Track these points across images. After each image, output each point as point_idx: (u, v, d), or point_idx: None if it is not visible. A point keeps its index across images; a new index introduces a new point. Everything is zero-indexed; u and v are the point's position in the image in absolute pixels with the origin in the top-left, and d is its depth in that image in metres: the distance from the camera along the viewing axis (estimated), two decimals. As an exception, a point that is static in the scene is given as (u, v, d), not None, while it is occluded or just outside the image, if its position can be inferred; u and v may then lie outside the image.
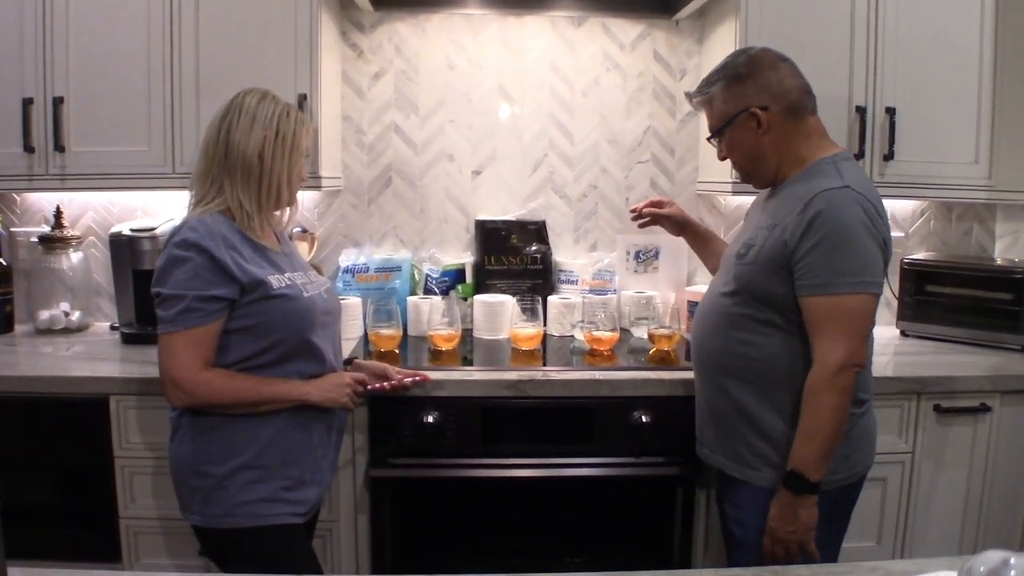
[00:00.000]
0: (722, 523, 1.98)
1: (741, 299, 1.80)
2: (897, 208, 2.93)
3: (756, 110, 1.77)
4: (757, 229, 1.81)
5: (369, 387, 1.93)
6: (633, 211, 2.30)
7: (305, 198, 2.83)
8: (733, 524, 1.87)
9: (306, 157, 1.82)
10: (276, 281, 1.69)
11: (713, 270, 2.29)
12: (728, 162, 1.87)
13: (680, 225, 2.27)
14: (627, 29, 2.87)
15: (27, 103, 2.34)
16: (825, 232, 1.65)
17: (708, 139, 1.92)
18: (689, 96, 1.94)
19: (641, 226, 2.31)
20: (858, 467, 1.81)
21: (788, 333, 1.74)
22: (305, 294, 1.74)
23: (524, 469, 2.14)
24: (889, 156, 2.49)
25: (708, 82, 1.85)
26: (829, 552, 1.81)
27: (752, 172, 1.88)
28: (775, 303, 1.74)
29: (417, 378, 2.06)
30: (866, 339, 1.72)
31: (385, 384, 1.99)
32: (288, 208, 1.85)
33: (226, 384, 1.65)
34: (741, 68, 1.80)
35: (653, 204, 2.26)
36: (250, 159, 1.69)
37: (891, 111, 2.48)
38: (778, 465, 1.75)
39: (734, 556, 1.89)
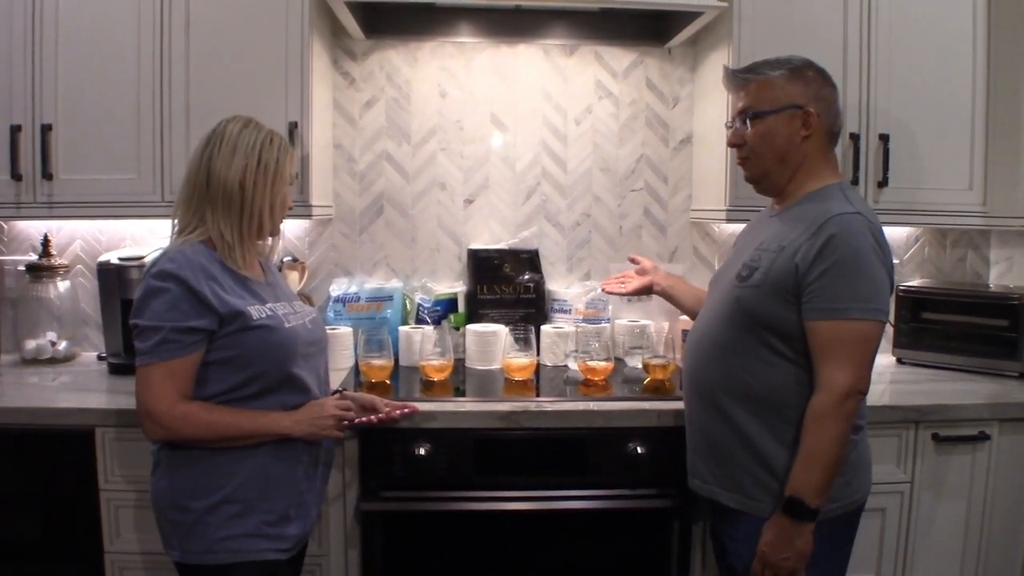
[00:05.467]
0: (719, 557, 1.94)
1: (742, 323, 1.76)
2: (891, 235, 2.88)
3: (811, 110, 1.76)
4: (760, 251, 1.77)
5: (357, 420, 1.90)
6: (621, 280, 2.41)
7: (296, 227, 2.82)
8: (734, 559, 1.82)
9: (290, 184, 1.80)
10: (256, 312, 1.67)
11: (690, 312, 2.31)
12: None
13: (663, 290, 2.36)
14: (620, 57, 2.87)
15: (15, 130, 2.33)
16: (838, 256, 1.64)
17: (743, 115, 1.82)
18: (733, 72, 1.86)
19: (613, 292, 2.42)
20: (858, 493, 1.79)
21: (789, 361, 1.71)
22: (287, 325, 1.72)
23: (518, 502, 2.10)
24: (883, 183, 2.50)
25: (767, 65, 1.81)
26: None
27: (769, 172, 1.82)
28: (778, 328, 1.71)
29: (406, 410, 2.03)
30: (871, 367, 1.69)
31: (373, 417, 1.95)
32: (272, 237, 1.82)
33: (203, 417, 1.62)
34: (806, 70, 1.80)
35: (638, 272, 2.33)
36: (231, 188, 1.67)
37: (884, 138, 2.48)
38: (779, 494, 1.71)
39: None
